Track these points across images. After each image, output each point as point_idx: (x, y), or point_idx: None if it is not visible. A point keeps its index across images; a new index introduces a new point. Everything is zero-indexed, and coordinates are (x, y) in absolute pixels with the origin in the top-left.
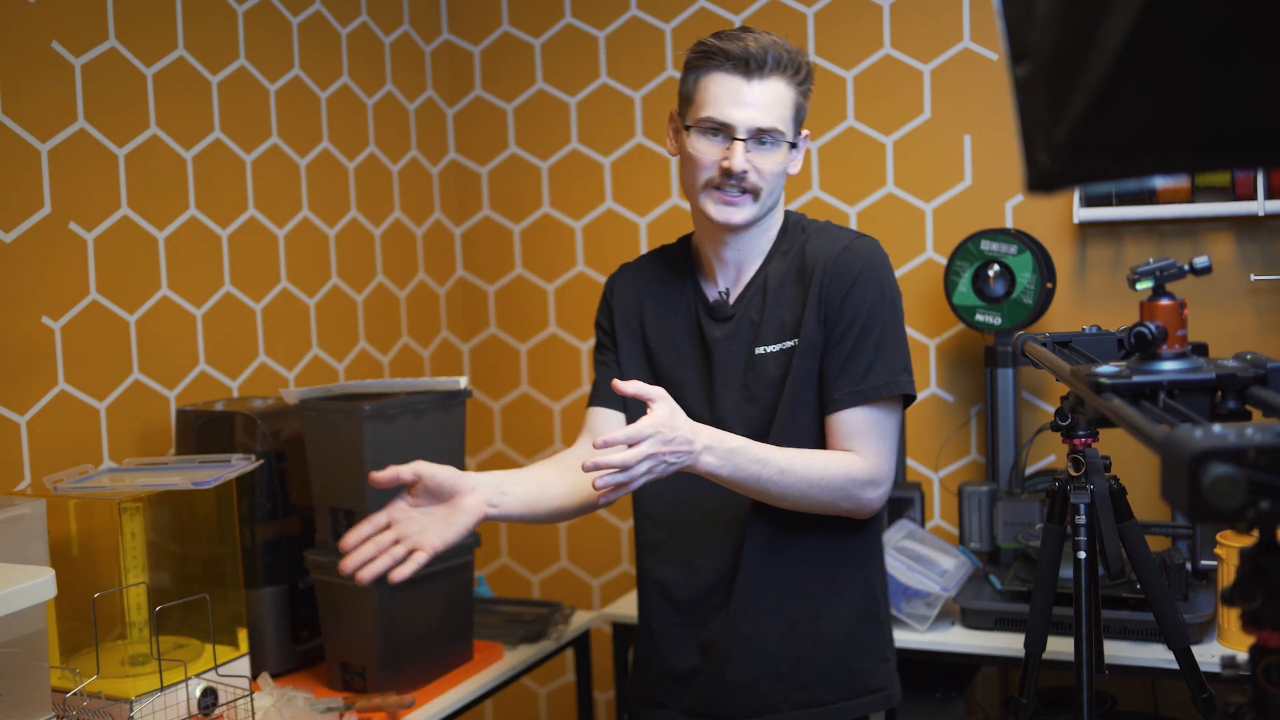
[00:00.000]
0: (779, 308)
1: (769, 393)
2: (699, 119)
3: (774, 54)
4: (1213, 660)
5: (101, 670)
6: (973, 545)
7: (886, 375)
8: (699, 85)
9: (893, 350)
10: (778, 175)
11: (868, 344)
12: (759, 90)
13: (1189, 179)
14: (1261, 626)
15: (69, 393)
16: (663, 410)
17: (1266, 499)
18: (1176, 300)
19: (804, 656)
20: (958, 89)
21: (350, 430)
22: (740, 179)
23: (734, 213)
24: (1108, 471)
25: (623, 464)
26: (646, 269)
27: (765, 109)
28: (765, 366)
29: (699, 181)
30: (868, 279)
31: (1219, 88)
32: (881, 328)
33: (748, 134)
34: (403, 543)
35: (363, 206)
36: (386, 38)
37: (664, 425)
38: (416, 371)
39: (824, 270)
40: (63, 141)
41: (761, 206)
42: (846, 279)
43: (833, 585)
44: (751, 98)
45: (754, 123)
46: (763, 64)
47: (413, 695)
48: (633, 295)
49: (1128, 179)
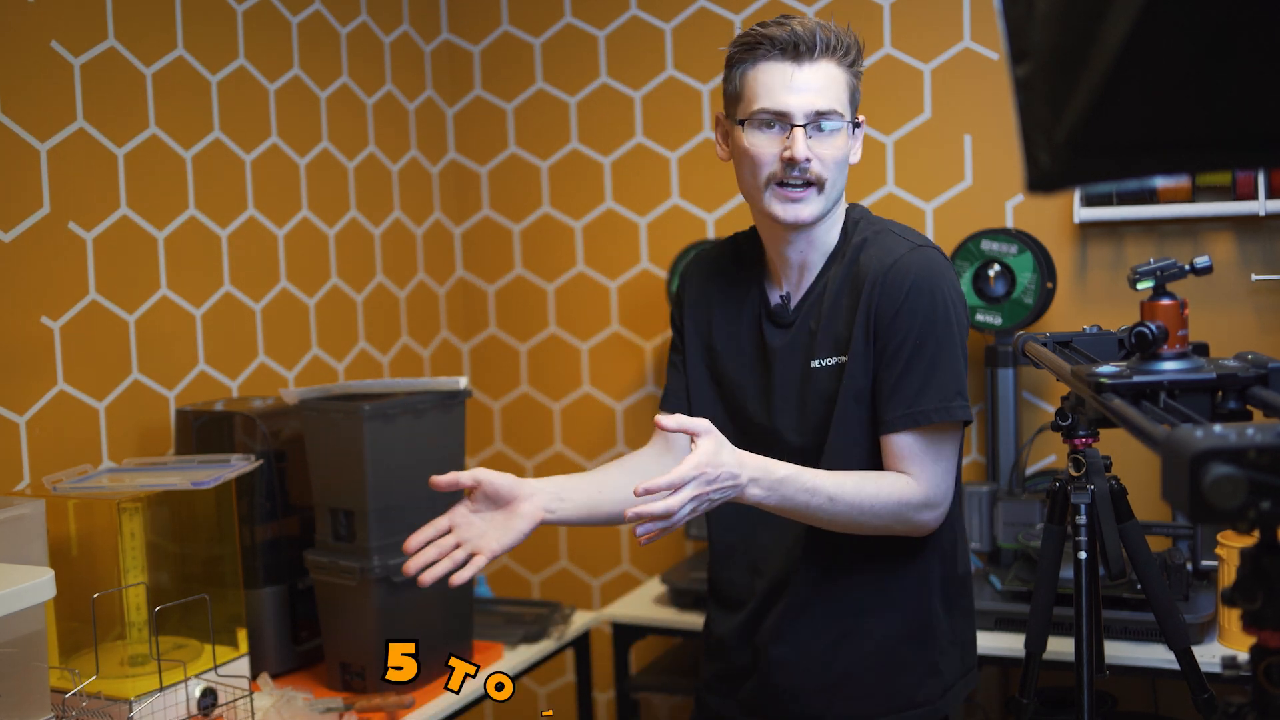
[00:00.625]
0: (835, 320)
1: (824, 407)
2: (752, 112)
3: (822, 35)
4: (1213, 661)
5: (101, 670)
6: (973, 545)
7: (939, 399)
8: (747, 78)
9: (946, 372)
10: (840, 164)
11: (919, 365)
12: (811, 73)
13: (1190, 179)
14: (1262, 627)
15: (68, 393)
16: (707, 446)
17: (1267, 499)
18: (1177, 300)
19: (852, 671)
20: (958, 89)
21: (350, 430)
22: (804, 169)
23: (800, 209)
24: (1108, 471)
25: (666, 511)
26: (717, 263)
27: (820, 91)
28: (820, 380)
29: (760, 179)
30: (919, 295)
31: (1219, 88)
32: (934, 348)
33: (806, 119)
34: (463, 546)
35: (362, 206)
36: (386, 37)
37: (708, 464)
38: (416, 371)
39: (873, 284)
40: (62, 141)
41: (827, 199)
42: (896, 296)
43: (884, 602)
44: (804, 81)
45: (811, 106)
46: (812, 46)
47: (413, 695)
48: (702, 292)
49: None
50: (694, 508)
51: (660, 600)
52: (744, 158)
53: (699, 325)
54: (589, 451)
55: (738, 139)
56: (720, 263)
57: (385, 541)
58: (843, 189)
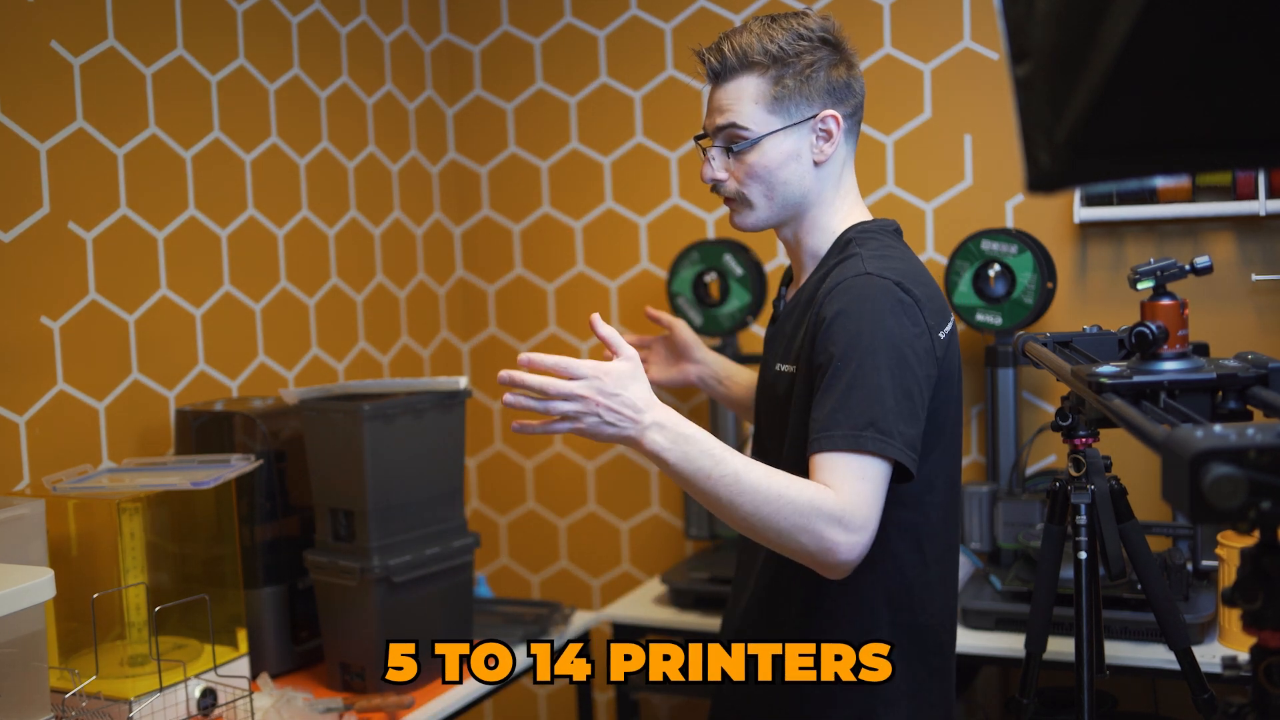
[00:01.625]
0: (797, 328)
1: (777, 411)
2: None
3: (733, 53)
4: (1214, 661)
5: (101, 671)
6: (973, 545)
7: (848, 427)
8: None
9: (861, 400)
10: (764, 175)
11: (835, 389)
12: (719, 94)
13: (1190, 179)
14: (1262, 627)
15: (68, 393)
16: (621, 367)
17: (1267, 499)
18: (1177, 300)
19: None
20: (958, 89)
21: (350, 430)
22: (717, 190)
23: (735, 218)
24: (1108, 472)
25: (539, 388)
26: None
27: (724, 109)
28: (779, 385)
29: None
30: (847, 320)
31: (1219, 88)
32: (853, 374)
33: (715, 139)
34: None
35: (362, 206)
36: (386, 37)
37: (609, 376)
38: (416, 371)
39: (818, 300)
40: (62, 141)
41: (761, 211)
42: (827, 314)
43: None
44: (715, 101)
45: (713, 125)
46: (720, 67)
47: (413, 695)
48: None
49: (1128, 179)
50: (575, 412)
51: (660, 600)
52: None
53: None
54: (589, 451)
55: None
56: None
57: (385, 541)
58: (796, 195)
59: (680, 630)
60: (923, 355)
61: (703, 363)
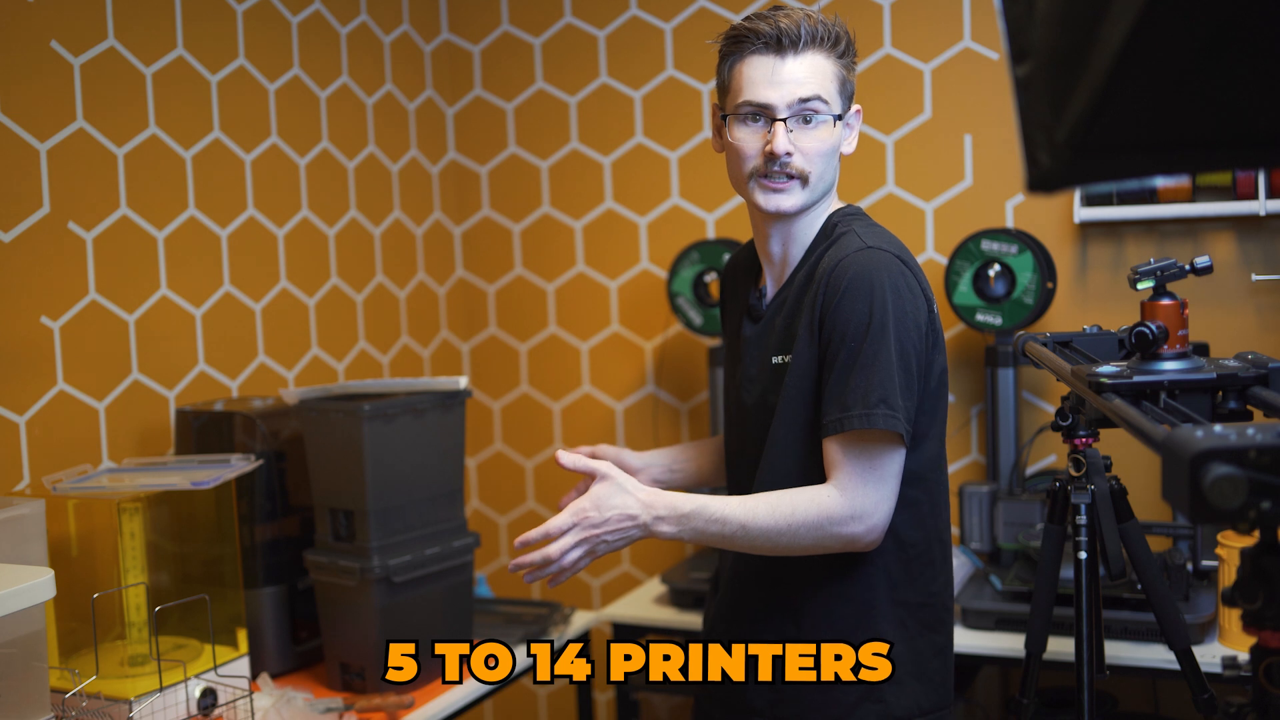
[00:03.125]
0: (793, 318)
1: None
2: (736, 105)
3: (807, 28)
4: (1214, 661)
5: (101, 671)
6: (973, 545)
7: (861, 406)
8: (734, 72)
9: (873, 378)
10: (826, 156)
11: (848, 370)
12: (795, 66)
13: (1190, 179)
14: (1262, 627)
15: (68, 393)
16: (598, 491)
17: (1267, 499)
18: (1177, 300)
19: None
20: (958, 89)
21: (350, 430)
22: (784, 163)
23: (783, 199)
24: (1108, 472)
25: (544, 560)
26: (743, 255)
27: (803, 82)
28: (778, 377)
29: (745, 171)
30: (854, 298)
31: (1219, 88)
32: (867, 352)
33: (788, 111)
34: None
35: (362, 206)
36: (386, 37)
37: (591, 509)
38: (416, 371)
39: (820, 283)
40: (62, 141)
41: (812, 192)
42: (833, 295)
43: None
44: (788, 74)
45: (794, 96)
46: (796, 39)
47: (413, 695)
48: (730, 284)
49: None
50: (586, 551)
51: (660, 600)
52: (731, 151)
53: (726, 309)
54: None
55: (725, 131)
56: (743, 258)
57: (385, 541)
58: (831, 181)
59: (680, 630)
60: (921, 326)
61: (645, 466)
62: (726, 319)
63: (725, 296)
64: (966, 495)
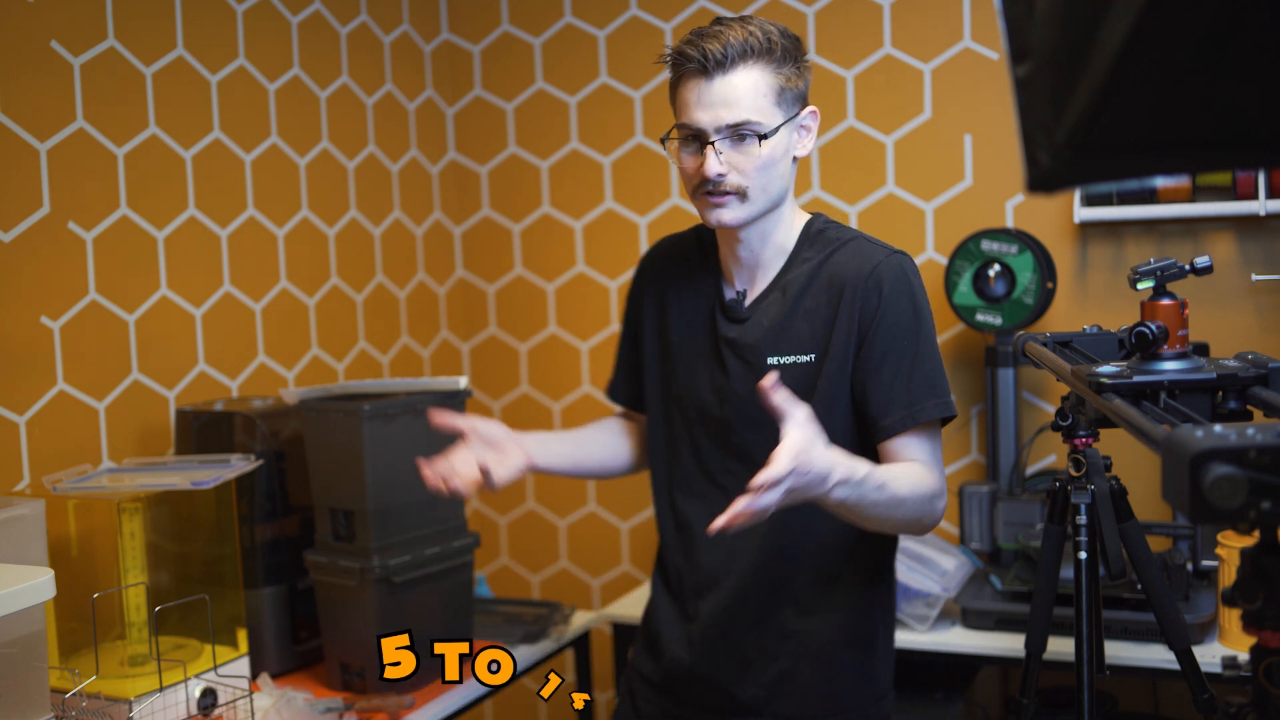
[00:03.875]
0: (798, 319)
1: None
2: (674, 128)
3: (735, 44)
4: (1214, 661)
5: (101, 671)
6: (973, 545)
7: (934, 396)
8: (675, 94)
9: (935, 371)
10: (762, 169)
11: (911, 368)
12: (723, 87)
13: (1190, 179)
14: (1262, 627)
15: (68, 393)
16: (800, 438)
17: (1267, 499)
18: (1177, 300)
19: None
20: (958, 89)
21: (350, 430)
22: (718, 182)
23: (723, 213)
24: (1108, 471)
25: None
26: (680, 251)
27: (731, 104)
28: (791, 376)
29: (690, 190)
30: (901, 300)
31: (1219, 88)
32: (923, 350)
33: (717, 135)
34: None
35: (362, 206)
36: (386, 37)
37: (801, 459)
38: (416, 371)
39: (855, 289)
40: (62, 141)
41: (754, 204)
42: (877, 302)
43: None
44: (716, 96)
45: (719, 121)
46: (722, 60)
47: (413, 695)
48: (662, 278)
49: (1128, 179)
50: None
51: None
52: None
53: (656, 310)
54: None
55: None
56: (683, 251)
57: (385, 541)
58: (780, 190)
59: None
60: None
61: (523, 439)
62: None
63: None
64: (966, 495)
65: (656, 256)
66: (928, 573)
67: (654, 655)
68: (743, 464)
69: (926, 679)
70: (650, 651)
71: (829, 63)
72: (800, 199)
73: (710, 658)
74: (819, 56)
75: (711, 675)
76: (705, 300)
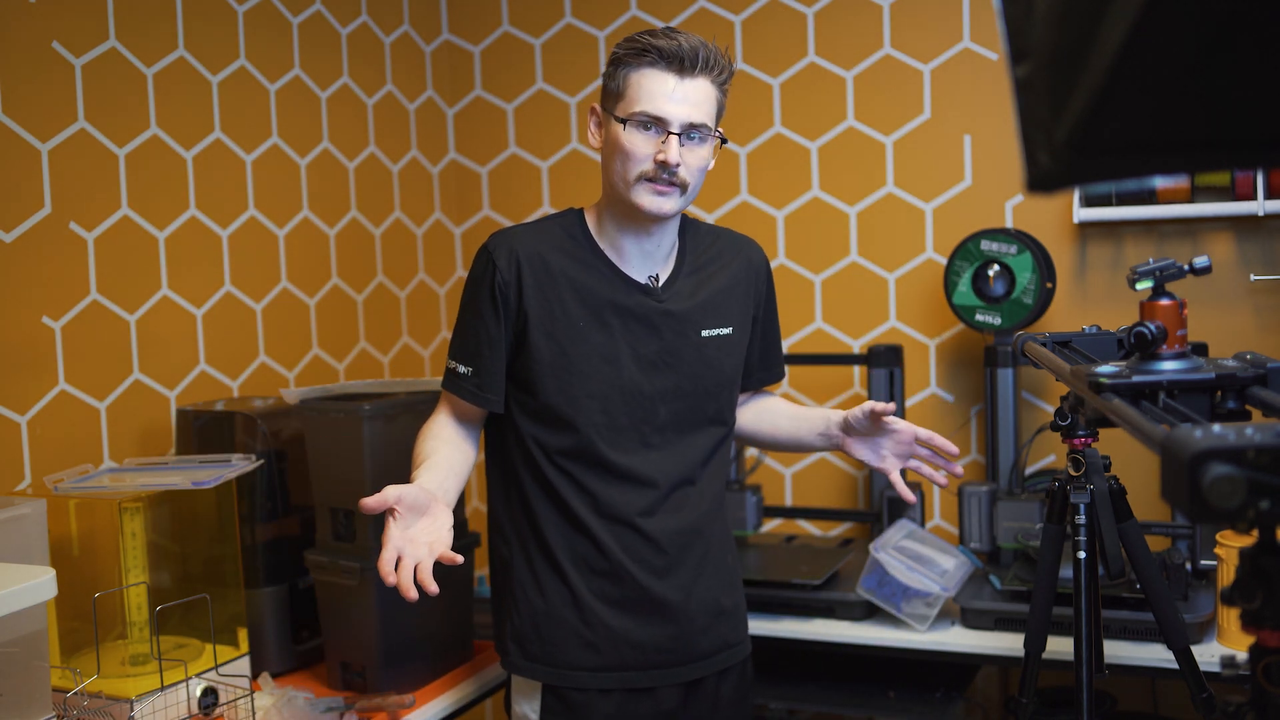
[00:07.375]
0: (727, 296)
1: (708, 371)
2: (633, 113)
3: (704, 54)
4: (1213, 660)
5: (102, 670)
6: (973, 545)
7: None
8: (630, 80)
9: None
10: (701, 170)
11: (775, 328)
12: (690, 88)
13: (1189, 179)
14: (1261, 626)
15: (69, 392)
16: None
17: (1266, 499)
18: (1176, 300)
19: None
20: (958, 89)
21: (350, 430)
22: (673, 172)
23: (665, 203)
24: (1107, 471)
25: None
26: (552, 242)
27: (696, 105)
28: (709, 349)
29: (632, 174)
30: (772, 281)
31: (1219, 88)
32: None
33: (681, 129)
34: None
35: (363, 206)
36: (386, 38)
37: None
38: (416, 371)
39: (757, 270)
40: (63, 141)
41: (686, 199)
42: (767, 278)
43: (730, 544)
44: (684, 94)
45: (687, 118)
46: (695, 63)
47: (413, 695)
48: (547, 270)
49: (1128, 179)
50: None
51: None
52: (618, 152)
53: (547, 302)
54: None
55: (614, 133)
56: (555, 242)
57: None
58: (697, 190)
59: None
60: None
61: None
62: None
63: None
64: (966, 495)
65: (529, 252)
66: (927, 572)
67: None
68: (675, 421)
69: (926, 678)
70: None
71: (829, 63)
72: (799, 200)
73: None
74: (819, 58)
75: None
76: (610, 287)
